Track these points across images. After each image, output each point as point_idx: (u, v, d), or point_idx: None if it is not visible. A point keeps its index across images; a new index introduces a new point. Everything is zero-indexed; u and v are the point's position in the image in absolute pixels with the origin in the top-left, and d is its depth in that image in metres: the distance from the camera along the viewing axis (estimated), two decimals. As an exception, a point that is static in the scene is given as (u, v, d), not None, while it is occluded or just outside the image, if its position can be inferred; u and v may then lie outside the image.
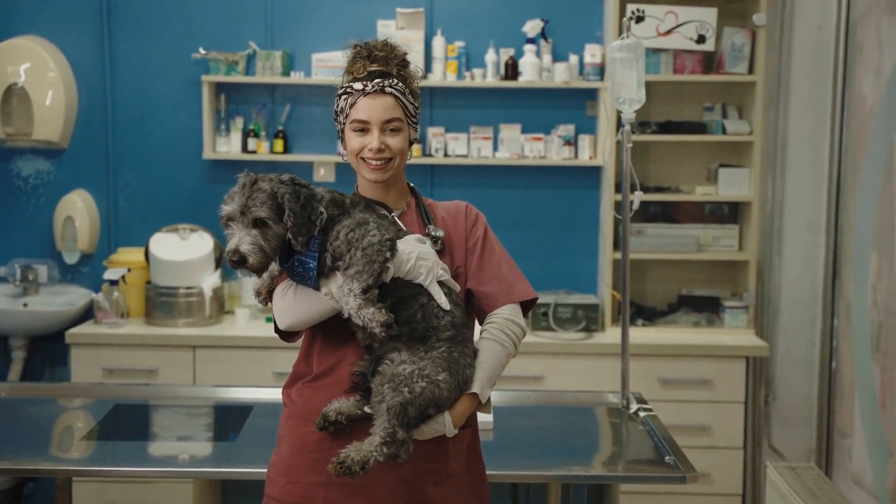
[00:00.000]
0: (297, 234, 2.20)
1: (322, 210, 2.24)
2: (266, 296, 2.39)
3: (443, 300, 2.28)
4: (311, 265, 2.24)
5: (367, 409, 2.26)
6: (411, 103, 2.43)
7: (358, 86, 2.37)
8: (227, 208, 2.21)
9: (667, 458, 2.96)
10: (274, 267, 2.33)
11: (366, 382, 2.27)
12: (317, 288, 2.25)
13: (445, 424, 2.28)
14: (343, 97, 2.40)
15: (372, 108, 2.36)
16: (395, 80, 2.39)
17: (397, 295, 2.26)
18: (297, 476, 2.35)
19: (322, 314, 2.29)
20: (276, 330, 2.42)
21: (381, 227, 2.25)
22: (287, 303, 2.31)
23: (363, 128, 2.37)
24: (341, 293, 2.20)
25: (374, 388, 2.22)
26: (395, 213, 2.44)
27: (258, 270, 2.22)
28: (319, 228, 2.23)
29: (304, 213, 2.21)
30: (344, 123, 2.41)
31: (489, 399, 2.35)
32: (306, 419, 2.35)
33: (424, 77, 2.18)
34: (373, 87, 2.36)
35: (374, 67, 2.38)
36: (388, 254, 2.22)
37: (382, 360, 2.24)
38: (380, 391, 2.20)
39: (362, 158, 2.38)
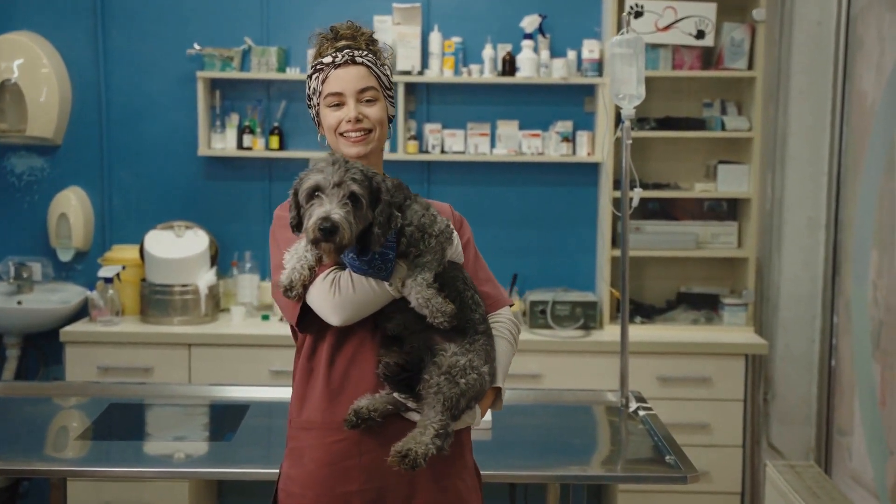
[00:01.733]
0: (384, 226, 2.11)
1: (400, 205, 2.17)
2: (302, 290, 2.20)
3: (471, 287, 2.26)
4: (391, 256, 2.15)
5: (401, 398, 2.21)
6: (385, 74, 2.38)
7: (327, 59, 2.33)
8: (317, 177, 2.09)
9: (667, 457, 2.93)
10: (310, 257, 2.18)
11: (400, 374, 2.20)
12: (387, 279, 2.16)
13: (475, 417, 2.26)
14: (313, 76, 2.35)
15: (344, 78, 2.31)
16: (365, 52, 2.35)
17: (439, 282, 2.21)
18: (328, 488, 2.25)
19: (379, 305, 2.19)
20: (297, 324, 2.26)
21: (436, 212, 2.22)
22: (346, 296, 2.16)
23: (338, 101, 2.32)
24: (414, 283, 2.13)
25: (427, 379, 2.15)
26: None
27: (340, 248, 2.07)
28: (397, 225, 2.15)
29: (391, 207, 2.13)
30: (318, 104, 2.36)
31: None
32: (329, 429, 2.25)
33: (394, 56, 2.14)
34: (343, 57, 2.32)
35: (342, 44, 2.35)
36: (453, 240, 2.20)
37: (436, 350, 2.18)
38: (435, 382, 2.14)
39: (340, 134, 2.33)
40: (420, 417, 2.17)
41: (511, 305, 2.47)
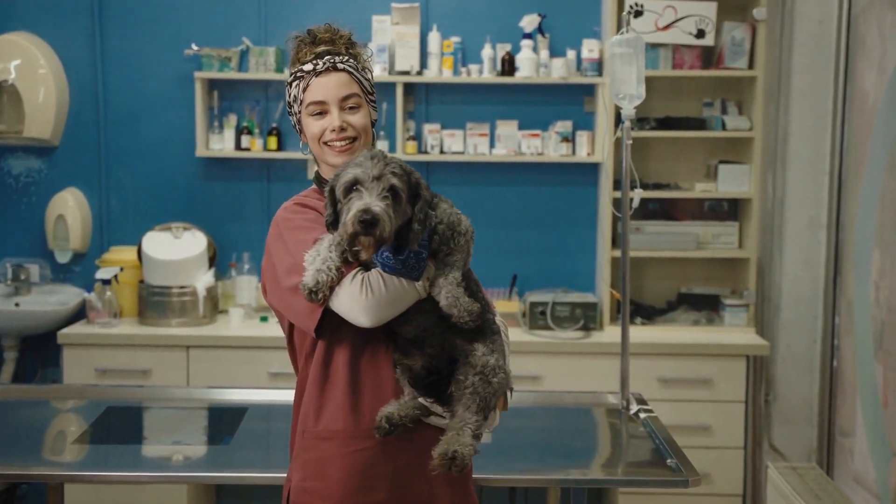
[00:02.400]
0: (423, 223, 2.08)
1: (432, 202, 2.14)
2: (328, 293, 2.12)
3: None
4: (424, 255, 2.12)
5: (427, 402, 2.19)
6: (367, 80, 2.34)
7: (308, 67, 2.28)
8: (356, 171, 2.05)
9: (668, 460, 2.91)
10: (335, 258, 2.11)
11: (427, 378, 2.19)
12: (418, 278, 2.12)
13: (497, 417, 2.26)
14: (294, 84, 2.31)
15: (326, 86, 2.27)
16: (346, 57, 2.31)
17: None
18: (355, 498, 2.20)
19: (407, 306, 2.14)
20: (316, 329, 2.17)
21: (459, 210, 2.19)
22: (378, 297, 2.09)
23: (321, 110, 2.28)
24: (446, 282, 2.10)
25: (462, 380, 2.14)
26: None
27: (380, 242, 2.03)
28: (431, 222, 2.12)
29: (427, 204, 2.10)
30: (300, 112, 2.31)
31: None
32: (353, 437, 2.20)
33: (371, 55, 2.08)
34: (324, 64, 2.28)
35: (320, 49, 2.31)
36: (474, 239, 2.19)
37: (466, 351, 2.17)
38: (471, 382, 2.13)
39: (325, 143, 2.29)
40: (453, 418, 2.14)
41: None
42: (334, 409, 2.22)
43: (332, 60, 2.28)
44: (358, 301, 2.09)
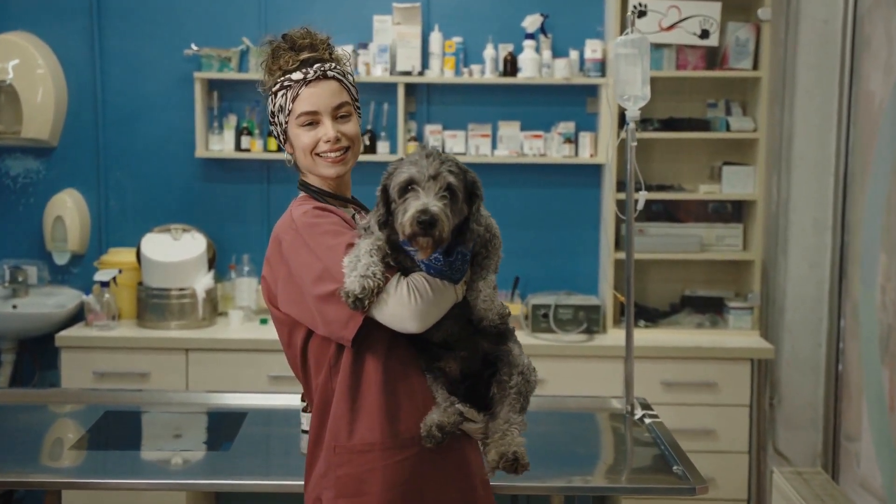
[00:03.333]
0: (476, 222, 2.05)
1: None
2: (374, 300, 2.04)
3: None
4: (468, 257, 2.10)
5: (464, 408, 2.17)
6: (354, 86, 2.29)
7: (297, 76, 2.21)
8: (411, 169, 1.99)
9: (675, 467, 2.87)
10: (377, 263, 2.03)
11: (463, 382, 2.18)
12: (458, 281, 2.09)
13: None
14: (280, 94, 2.23)
15: (318, 95, 2.21)
16: (333, 64, 2.25)
17: None
18: None
19: (448, 309, 2.10)
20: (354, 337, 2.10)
21: None
22: (427, 301, 2.04)
23: (312, 120, 2.22)
24: (485, 284, 2.09)
25: (506, 380, 2.14)
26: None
27: (438, 243, 1.98)
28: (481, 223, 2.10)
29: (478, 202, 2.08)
30: (286, 122, 2.24)
31: None
32: (393, 447, 2.14)
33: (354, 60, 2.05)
34: (314, 73, 2.21)
35: (305, 55, 2.23)
36: None
37: (502, 352, 2.17)
38: (516, 382, 2.14)
39: (317, 154, 2.23)
40: (495, 420, 2.13)
41: None
42: (369, 421, 2.15)
43: (321, 68, 2.22)
44: (407, 307, 2.04)
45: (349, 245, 2.09)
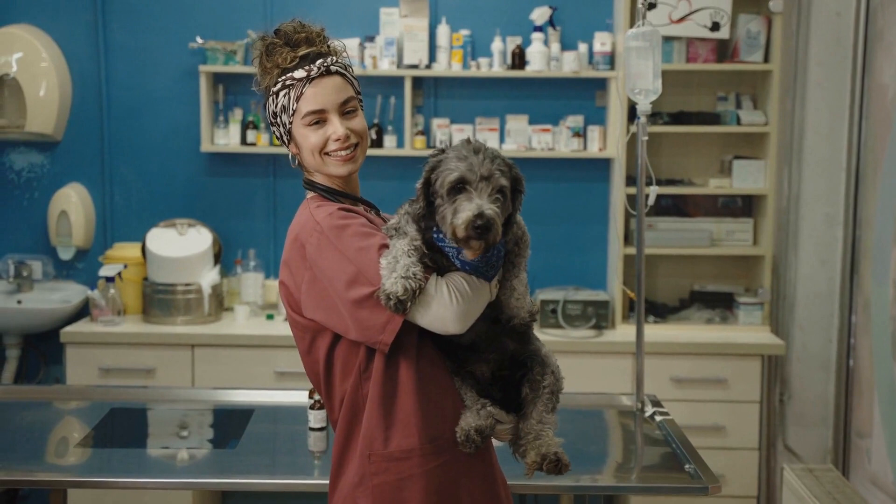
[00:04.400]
0: (514, 218, 2.03)
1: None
2: (414, 302, 1.98)
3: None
4: (503, 252, 2.06)
5: (495, 410, 2.15)
6: (355, 78, 2.22)
7: (299, 73, 2.12)
8: (461, 167, 1.94)
9: (686, 466, 2.84)
10: (416, 263, 1.97)
11: (493, 384, 2.16)
12: (491, 279, 2.05)
13: None
14: (282, 93, 2.14)
15: (324, 93, 2.13)
16: (334, 58, 2.16)
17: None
18: None
19: (483, 308, 2.06)
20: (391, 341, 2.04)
21: None
22: (468, 301, 2.00)
23: (319, 119, 2.14)
24: (519, 281, 2.06)
25: (539, 380, 2.14)
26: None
27: (490, 247, 1.95)
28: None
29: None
30: (290, 123, 2.15)
31: None
32: (431, 453, 2.09)
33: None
34: (318, 69, 2.12)
35: (303, 51, 2.14)
36: None
37: (531, 352, 2.17)
38: (549, 381, 2.13)
39: (326, 153, 2.16)
40: (527, 420, 2.12)
41: None
42: (405, 427, 2.10)
43: (324, 64, 2.14)
44: (450, 308, 1.99)
45: (382, 246, 2.03)
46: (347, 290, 2.02)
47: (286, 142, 2.21)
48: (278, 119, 2.18)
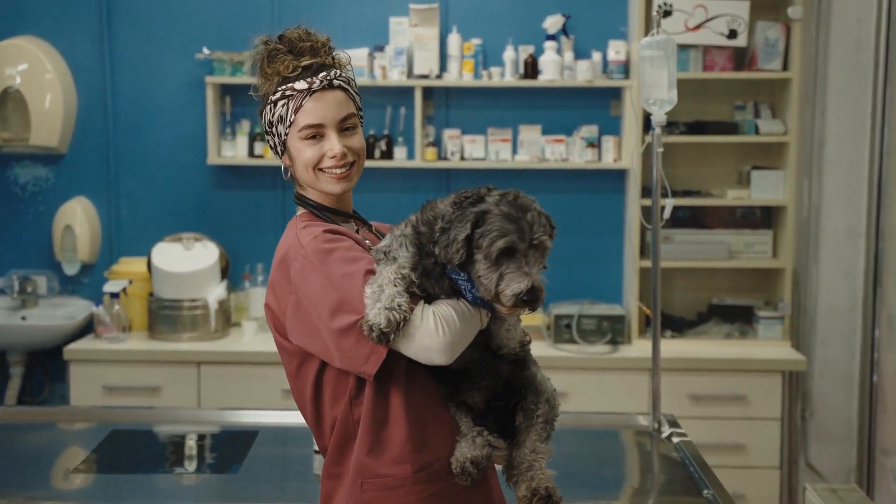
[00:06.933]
0: None
1: None
2: (398, 333, 1.91)
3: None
4: None
5: (491, 438, 2.07)
6: (358, 94, 2.13)
7: (300, 85, 2.05)
8: (510, 230, 1.89)
9: (705, 491, 2.74)
10: (402, 293, 1.90)
11: (491, 413, 2.09)
12: (487, 307, 1.99)
13: None
14: (280, 103, 2.06)
15: (324, 107, 2.05)
16: (338, 71, 2.09)
17: None
18: None
19: (473, 337, 2.00)
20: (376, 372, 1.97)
21: None
22: (454, 332, 1.91)
23: (316, 133, 2.06)
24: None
25: (534, 409, 2.07)
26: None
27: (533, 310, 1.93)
28: None
29: None
30: (286, 134, 2.08)
31: None
32: (422, 481, 2.01)
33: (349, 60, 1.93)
34: (321, 82, 2.05)
35: (307, 61, 2.08)
36: None
37: (526, 378, 2.10)
38: (543, 410, 2.08)
39: (320, 169, 2.08)
40: (519, 449, 2.04)
41: None
42: (397, 454, 2.02)
43: (327, 77, 2.06)
44: (436, 339, 1.90)
45: (367, 272, 1.94)
46: (331, 318, 1.94)
47: (280, 153, 2.14)
48: (274, 129, 2.11)
